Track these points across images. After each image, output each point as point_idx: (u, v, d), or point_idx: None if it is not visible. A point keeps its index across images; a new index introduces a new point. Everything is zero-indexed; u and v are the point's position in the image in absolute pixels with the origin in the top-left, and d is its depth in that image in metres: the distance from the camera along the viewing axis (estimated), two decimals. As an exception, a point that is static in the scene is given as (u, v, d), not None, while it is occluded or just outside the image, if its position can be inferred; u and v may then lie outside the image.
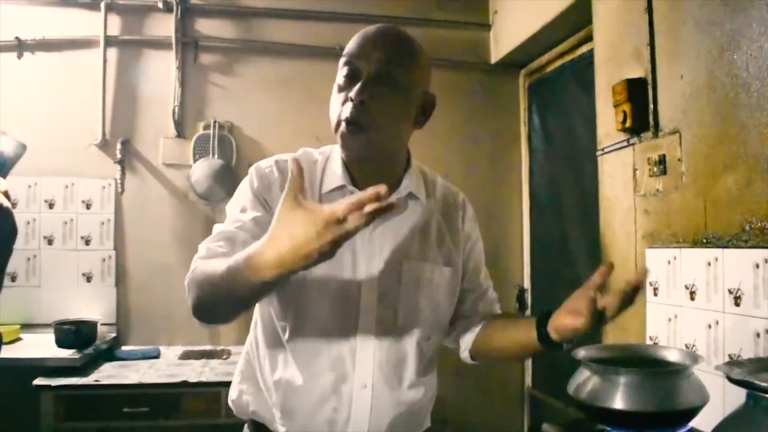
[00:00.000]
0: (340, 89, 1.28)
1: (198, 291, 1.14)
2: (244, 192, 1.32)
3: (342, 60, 1.30)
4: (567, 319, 1.17)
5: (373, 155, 1.30)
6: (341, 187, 1.32)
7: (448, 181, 1.53)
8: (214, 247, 1.22)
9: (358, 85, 1.24)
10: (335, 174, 1.33)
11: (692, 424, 1.33)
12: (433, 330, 1.40)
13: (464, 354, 1.49)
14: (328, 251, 0.93)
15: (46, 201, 3.12)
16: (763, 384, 1.00)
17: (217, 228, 1.29)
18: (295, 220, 0.93)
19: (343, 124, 1.24)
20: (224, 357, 2.90)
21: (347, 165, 1.34)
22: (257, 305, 1.38)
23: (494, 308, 1.52)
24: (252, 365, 1.38)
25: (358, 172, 1.33)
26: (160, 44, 3.22)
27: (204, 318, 1.19)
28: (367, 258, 1.31)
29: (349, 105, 1.23)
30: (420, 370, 1.37)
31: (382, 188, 0.91)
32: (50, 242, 3.11)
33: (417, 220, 1.38)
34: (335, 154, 1.37)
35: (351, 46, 1.30)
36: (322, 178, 1.35)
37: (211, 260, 1.15)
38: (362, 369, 1.30)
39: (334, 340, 1.28)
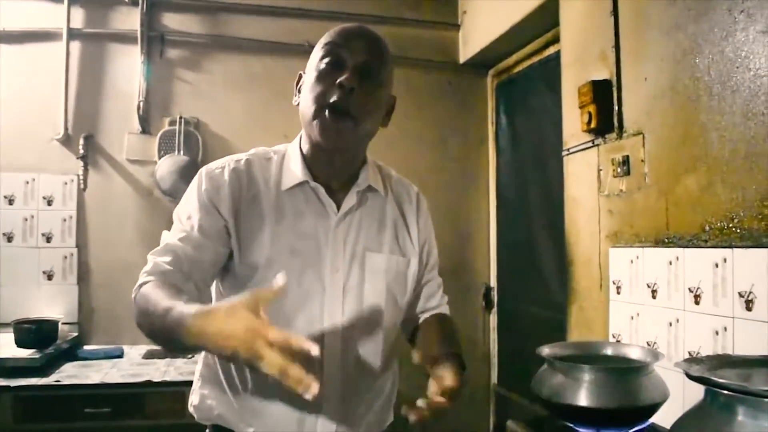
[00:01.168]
0: (322, 75, 1.26)
1: (138, 316, 1.18)
2: (191, 197, 1.31)
3: (323, 48, 1.29)
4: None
5: (349, 145, 1.30)
6: (302, 183, 1.32)
7: (400, 175, 1.55)
8: (159, 262, 1.23)
9: (346, 72, 1.23)
10: (295, 170, 1.33)
11: (653, 419, 1.36)
12: (397, 318, 1.42)
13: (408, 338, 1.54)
14: (240, 359, 0.93)
15: (5, 197, 3.04)
16: (721, 380, 1.02)
17: (165, 237, 1.29)
18: (237, 315, 0.94)
19: (327, 109, 1.23)
20: (189, 356, 2.87)
21: (307, 161, 1.34)
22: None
23: (434, 302, 1.55)
24: (213, 368, 1.36)
25: (318, 168, 1.34)
26: (125, 38, 3.17)
27: (145, 334, 1.21)
28: (331, 250, 1.32)
29: (337, 90, 1.22)
30: (386, 359, 1.39)
31: (314, 349, 0.91)
32: (10, 239, 3.03)
33: (376, 212, 1.40)
34: (292, 151, 1.37)
35: (333, 36, 1.30)
36: (280, 175, 1.34)
37: (154, 290, 1.15)
38: (331, 362, 1.30)
39: (301, 334, 1.28)
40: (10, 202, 3.04)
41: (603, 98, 2.10)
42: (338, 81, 1.22)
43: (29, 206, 3.06)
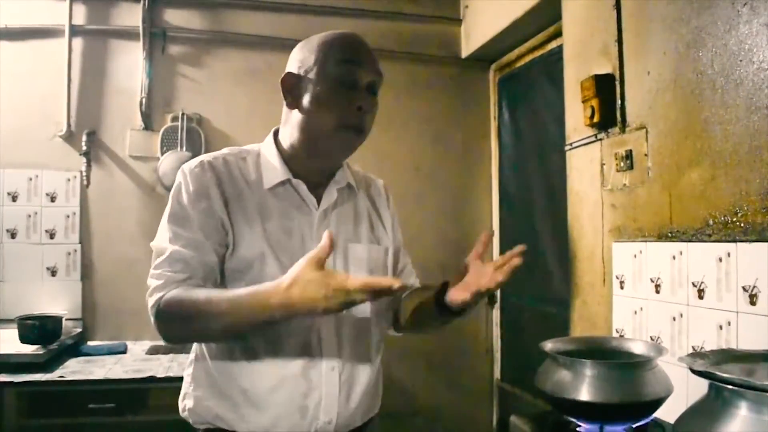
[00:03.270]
0: (341, 94, 1.31)
1: (183, 323, 1.21)
2: (181, 201, 1.32)
3: (341, 63, 1.33)
4: (457, 292, 1.28)
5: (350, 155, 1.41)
6: (284, 182, 1.37)
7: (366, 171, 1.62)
8: (171, 274, 1.25)
9: (362, 95, 1.32)
10: (276, 169, 1.38)
11: (657, 414, 1.36)
12: (381, 304, 1.45)
13: (390, 330, 1.58)
14: (333, 310, 1.08)
15: (9, 193, 3.04)
16: (725, 375, 1.02)
17: (161, 245, 1.29)
18: (312, 278, 1.07)
19: (351, 130, 1.32)
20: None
21: (286, 159, 1.39)
22: None
23: (413, 281, 1.60)
24: (207, 370, 1.35)
25: (298, 166, 1.39)
26: (127, 34, 3.16)
27: (178, 343, 1.30)
28: (316, 244, 1.32)
29: (358, 114, 1.31)
30: (375, 346, 1.44)
31: (396, 282, 1.05)
32: (13, 236, 3.04)
33: (352, 206, 1.47)
34: (266, 151, 1.42)
35: (348, 51, 1.34)
36: (259, 174, 1.38)
37: (192, 292, 1.21)
38: (328, 351, 1.33)
39: (296, 328, 1.30)
40: (14, 198, 3.05)
41: (606, 92, 2.09)
42: (358, 104, 1.31)
43: (32, 203, 3.06)
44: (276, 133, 1.45)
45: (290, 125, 1.38)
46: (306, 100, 1.33)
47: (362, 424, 1.41)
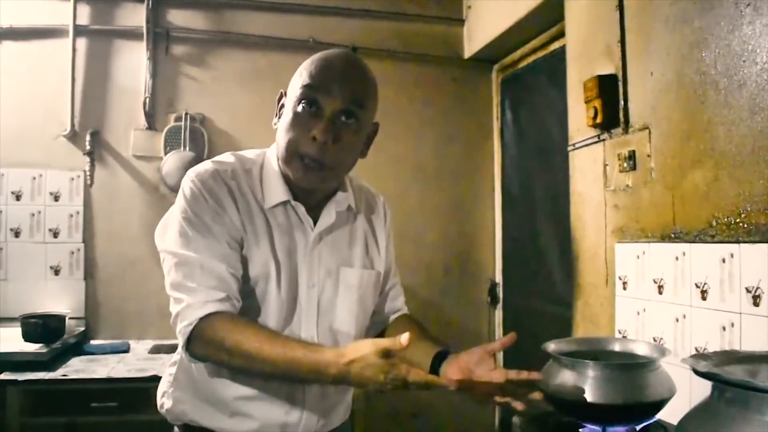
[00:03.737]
0: (298, 120, 1.25)
1: (217, 352, 1.18)
2: (201, 210, 1.26)
3: (302, 88, 1.26)
4: (452, 371, 1.25)
5: (321, 186, 1.34)
6: (284, 203, 1.34)
7: (366, 183, 1.58)
8: (209, 291, 1.20)
9: (321, 124, 1.23)
10: (276, 189, 1.33)
11: (659, 415, 1.35)
12: (363, 326, 1.45)
13: None
14: (386, 391, 1.09)
15: (13, 193, 3.05)
16: (728, 376, 1.02)
17: (182, 252, 1.23)
18: (374, 363, 1.06)
19: (305, 159, 1.24)
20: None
21: (285, 179, 1.34)
22: None
23: (399, 303, 1.59)
24: (189, 374, 1.35)
25: (298, 188, 1.34)
26: (131, 34, 3.17)
27: (203, 361, 1.26)
28: (307, 266, 1.34)
29: (312, 143, 1.23)
30: None
31: (452, 385, 1.20)
32: (17, 235, 3.05)
33: (348, 227, 1.43)
34: (269, 164, 1.36)
35: (314, 75, 1.26)
36: (262, 192, 1.34)
37: (236, 327, 1.18)
38: None
39: None
40: (18, 197, 3.05)
41: (609, 93, 2.09)
42: (312, 134, 1.22)
43: (36, 202, 3.07)
44: None
45: None
46: (280, 121, 1.31)
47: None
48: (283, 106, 1.34)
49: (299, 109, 1.25)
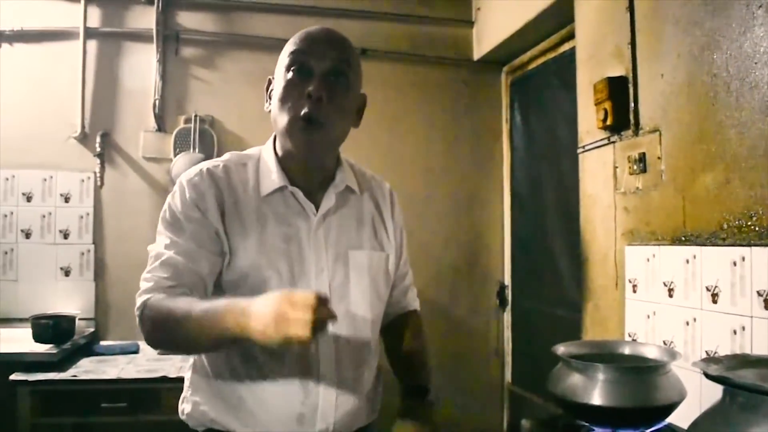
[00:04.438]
0: (290, 85, 1.28)
1: (158, 329, 1.23)
2: (177, 208, 1.31)
3: (288, 56, 1.30)
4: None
5: (322, 151, 1.34)
6: (281, 188, 1.34)
7: (374, 172, 1.58)
8: (159, 279, 1.26)
9: (314, 82, 1.26)
10: (272, 176, 1.35)
11: (670, 419, 1.35)
12: (380, 310, 1.45)
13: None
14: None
15: (23, 194, 3.07)
16: (739, 380, 1.02)
17: (156, 250, 1.30)
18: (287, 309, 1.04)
19: (301, 120, 1.26)
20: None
21: (283, 165, 1.35)
22: None
23: (407, 301, 1.59)
24: (205, 375, 1.36)
25: (295, 171, 1.35)
26: (140, 37, 3.19)
27: (159, 348, 1.29)
28: (314, 251, 1.34)
29: (308, 101, 1.25)
30: (373, 353, 1.43)
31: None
32: (28, 236, 3.07)
33: (354, 210, 1.43)
34: (266, 155, 1.39)
35: (297, 43, 1.31)
36: (257, 181, 1.36)
37: (170, 300, 1.21)
38: (325, 359, 1.32)
39: None
40: (28, 199, 3.07)
41: (619, 95, 2.08)
42: (307, 91, 1.25)
43: (47, 203, 3.09)
44: (275, 137, 1.43)
45: None
46: (272, 100, 1.33)
47: (360, 429, 1.40)
48: (270, 90, 1.37)
49: (290, 75, 1.29)
